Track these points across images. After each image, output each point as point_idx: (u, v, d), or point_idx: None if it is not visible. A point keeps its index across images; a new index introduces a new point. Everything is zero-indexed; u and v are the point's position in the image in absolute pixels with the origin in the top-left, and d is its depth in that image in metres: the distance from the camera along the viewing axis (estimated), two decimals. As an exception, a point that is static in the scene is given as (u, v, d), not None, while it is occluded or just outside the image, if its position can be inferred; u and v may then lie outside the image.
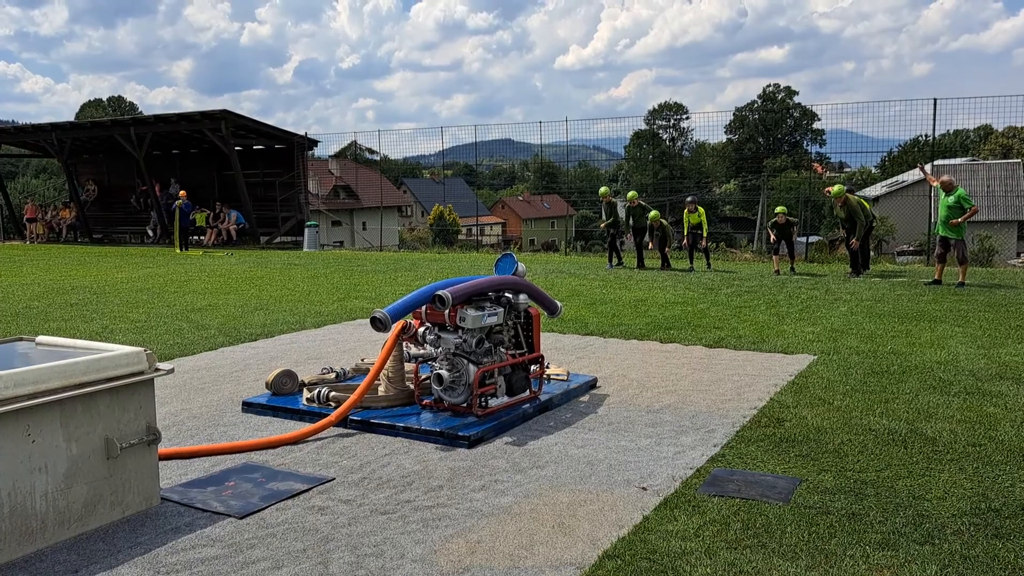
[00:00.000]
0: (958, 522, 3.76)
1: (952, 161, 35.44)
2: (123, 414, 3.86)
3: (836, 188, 14.43)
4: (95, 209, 28.79)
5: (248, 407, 5.85)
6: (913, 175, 34.18)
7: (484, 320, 5.46)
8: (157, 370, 3.99)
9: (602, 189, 17.41)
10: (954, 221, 12.33)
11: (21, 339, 4.37)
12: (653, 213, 16.21)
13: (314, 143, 27.23)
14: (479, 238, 39.30)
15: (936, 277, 12.61)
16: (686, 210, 16.12)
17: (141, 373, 3.91)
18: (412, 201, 64.68)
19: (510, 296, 5.79)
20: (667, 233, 16.34)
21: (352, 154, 35.85)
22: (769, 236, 15.17)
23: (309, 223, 24.27)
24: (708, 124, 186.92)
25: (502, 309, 5.66)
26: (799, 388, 6.25)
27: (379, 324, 5.34)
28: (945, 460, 4.60)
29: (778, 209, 15.00)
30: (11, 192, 34.64)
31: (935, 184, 13.32)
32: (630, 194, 17.12)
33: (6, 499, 3.44)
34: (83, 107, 76.74)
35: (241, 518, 3.93)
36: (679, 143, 73.39)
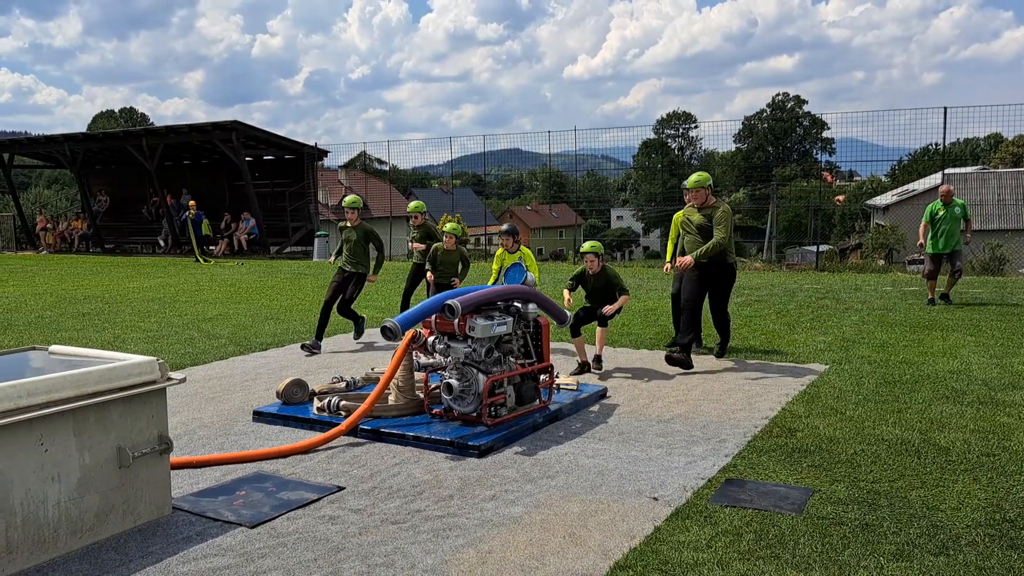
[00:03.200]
0: (972, 533, 3.73)
1: (963, 170, 35.28)
2: (135, 423, 3.87)
3: (694, 178, 7.57)
4: (107, 219, 28.97)
5: (259, 416, 5.87)
6: (924, 184, 34.04)
7: (494, 329, 5.47)
8: (169, 379, 4.01)
9: (412, 204, 10.30)
10: (967, 237, 11.31)
11: (34, 348, 4.40)
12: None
13: (324, 153, 27.36)
14: (487, 248, 39.30)
15: (945, 291, 12.02)
16: (501, 247, 8.64)
17: (153, 383, 3.93)
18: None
19: (519, 306, 5.79)
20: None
21: (362, 164, 35.96)
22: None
23: (319, 233, 24.35)
24: (717, 133, 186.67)
25: (511, 319, 5.67)
26: (811, 398, 6.22)
27: (389, 333, 5.35)
28: (959, 470, 4.57)
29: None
30: (24, 202, 34.86)
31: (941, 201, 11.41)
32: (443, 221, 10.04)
33: (19, 508, 3.46)
34: (95, 118, 77.24)
35: (252, 527, 3.93)
36: (688, 152, 73.33)
